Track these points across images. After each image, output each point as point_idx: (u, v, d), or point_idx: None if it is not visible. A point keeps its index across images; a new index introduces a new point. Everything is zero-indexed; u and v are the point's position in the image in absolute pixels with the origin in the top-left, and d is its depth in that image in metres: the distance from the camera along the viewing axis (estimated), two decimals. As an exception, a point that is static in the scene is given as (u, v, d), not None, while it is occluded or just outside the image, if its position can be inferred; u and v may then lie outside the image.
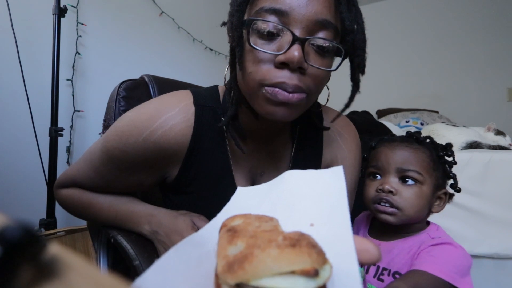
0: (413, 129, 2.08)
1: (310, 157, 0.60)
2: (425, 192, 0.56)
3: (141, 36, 1.98)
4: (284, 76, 0.42)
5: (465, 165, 1.19)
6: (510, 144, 1.45)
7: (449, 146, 0.60)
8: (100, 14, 1.75)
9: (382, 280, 0.56)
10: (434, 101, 2.78)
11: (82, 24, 1.64)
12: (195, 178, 0.54)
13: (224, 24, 0.50)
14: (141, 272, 0.50)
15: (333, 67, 0.46)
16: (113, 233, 0.58)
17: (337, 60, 0.47)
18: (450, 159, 0.60)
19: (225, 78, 0.54)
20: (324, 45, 0.42)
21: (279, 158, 0.59)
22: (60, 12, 1.34)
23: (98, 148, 0.54)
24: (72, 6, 1.57)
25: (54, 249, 0.15)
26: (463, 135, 1.41)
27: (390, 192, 0.56)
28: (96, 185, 0.57)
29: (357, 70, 0.47)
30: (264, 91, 0.43)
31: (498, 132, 1.51)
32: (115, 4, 1.83)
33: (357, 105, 2.62)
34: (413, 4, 3.01)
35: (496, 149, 1.36)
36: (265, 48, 0.42)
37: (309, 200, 0.28)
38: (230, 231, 0.22)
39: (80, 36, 1.62)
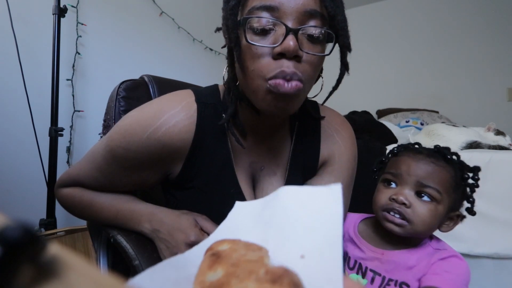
0: (413, 129, 2.08)
1: (309, 151, 0.62)
2: (440, 211, 0.53)
3: (141, 36, 1.98)
4: (282, 65, 0.44)
5: (465, 165, 1.19)
6: (510, 144, 1.45)
7: (476, 169, 0.57)
8: (100, 14, 1.75)
9: None
10: (434, 101, 2.78)
11: (82, 24, 1.64)
12: (197, 174, 0.55)
13: (218, 29, 0.54)
14: (141, 272, 0.51)
15: (328, 54, 0.49)
16: (112, 233, 0.58)
17: (329, 47, 0.50)
18: (473, 182, 0.58)
19: (223, 78, 0.56)
20: (314, 33, 0.45)
21: (279, 153, 0.61)
22: (60, 12, 1.34)
23: (101, 147, 0.55)
24: (72, 6, 1.57)
25: (54, 249, 0.15)
26: (463, 135, 1.41)
27: (404, 204, 0.54)
28: (99, 184, 0.57)
29: (345, 49, 0.49)
30: (268, 85, 0.45)
31: (498, 132, 1.51)
32: (115, 4, 1.83)
33: (357, 105, 2.61)
34: (413, 4, 3.01)
35: (496, 149, 1.36)
36: (261, 43, 0.45)
37: (302, 227, 0.27)
38: (214, 256, 0.22)
39: (80, 36, 1.62)
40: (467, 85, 2.73)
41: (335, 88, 0.52)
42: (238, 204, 0.34)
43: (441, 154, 0.56)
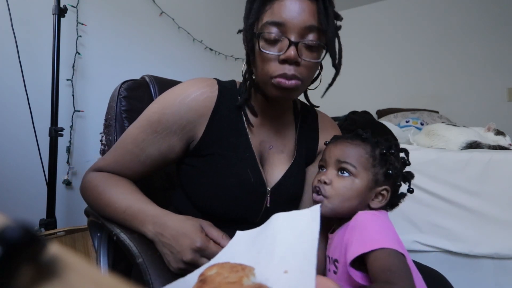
0: (413, 129, 2.08)
1: (310, 138, 0.75)
2: (357, 184, 0.57)
3: (141, 36, 1.99)
4: (285, 68, 0.57)
5: (465, 165, 1.19)
6: (510, 144, 1.45)
7: (393, 145, 0.61)
8: (100, 14, 1.75)
9: (328, 269, 0.58)
10: (434, 101, 2.78)
11: (82, 24, 1.64)
12: (216, 140, 0.64)
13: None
14: (144, 270, 0.51)
15: (320, 60, 0.62)
16: (115, 231, 0.58)
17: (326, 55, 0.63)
18: (400, 158, 0.61)
19: (242, 72, 0.69)
20: (311, 44, 0.58)
21: (285, 136, 0.72)
22: (60, 12, 1.34)
23: (136, 122, 0.64)
24: (72, 6, 1.58)
25: (54, 249, 0.15)
26: (463, 135, 1.41)
27: (325, 182, 0.58)
28: (131, 156, 0.63)
29: (332, 57, 0.61)
30: (272, 81, 0.58)
31: (498, 132, 1.51)
32: (115, 4, 1.83)
33: (357, 105, 2.61)
34: (413, 4, 3.01)
35: (496, 149, 1.36)
36: (270, 51, 0.58)
37: (287, 246, 0.32)
38: (201, 282, 0.25)
39: (80, 36, 1.62)
40: (467, 85, 2.73)
41: (330, 84, 0.65)
42: (238, 233, 0.40)
43: (357, 135, 0.63)
